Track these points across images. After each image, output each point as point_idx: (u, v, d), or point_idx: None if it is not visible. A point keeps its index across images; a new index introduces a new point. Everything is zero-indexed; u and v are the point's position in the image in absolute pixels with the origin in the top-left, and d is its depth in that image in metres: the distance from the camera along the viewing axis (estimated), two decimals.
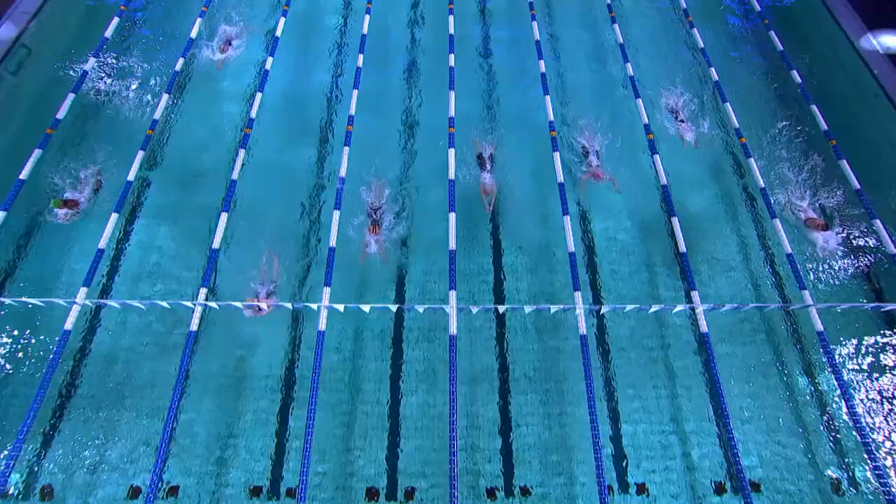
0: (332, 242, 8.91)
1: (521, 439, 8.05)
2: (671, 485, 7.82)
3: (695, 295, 8.59)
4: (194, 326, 8.02)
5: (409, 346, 8.39)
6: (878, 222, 9.57)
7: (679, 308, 7.38)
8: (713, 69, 12.22)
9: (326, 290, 8.33)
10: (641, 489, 7.75)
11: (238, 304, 7.13)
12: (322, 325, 7.91)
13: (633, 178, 10.56)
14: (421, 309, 7.40)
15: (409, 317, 8.45)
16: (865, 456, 7.69)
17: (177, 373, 7.88)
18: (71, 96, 10.79)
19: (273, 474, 7.64)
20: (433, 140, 10.86)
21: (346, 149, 10.28)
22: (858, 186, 10.06)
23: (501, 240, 9.74)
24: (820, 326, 8.31)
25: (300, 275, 9.05)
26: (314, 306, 7.49)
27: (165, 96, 11.10)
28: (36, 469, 7.62)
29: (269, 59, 11.97)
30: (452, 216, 9.21)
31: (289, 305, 7.30)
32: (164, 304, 6.84)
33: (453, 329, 7.83)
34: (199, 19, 12.53)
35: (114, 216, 9.23)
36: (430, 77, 12.13)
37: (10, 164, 9.62)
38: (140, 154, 10.13)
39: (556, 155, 10.42)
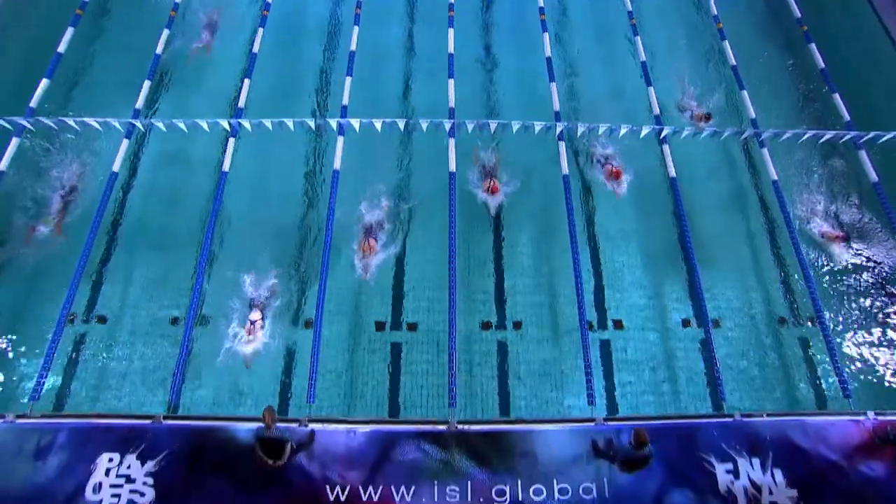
0: (345, 101, 10.03)
1: (514, 278, 9.19)
2: (644, 320, 9.01)
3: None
4: (226, 167, 9.18)
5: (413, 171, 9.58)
6: (836, 96, 10.71)
7: (645, 131, 8.40)
8: None
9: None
10: (618, 325, 8.95)
11: (267, 123, 8.08)
12: (338, 160, 8.97)
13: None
14: (424, 125, 8.40)
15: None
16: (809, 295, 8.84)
17: (210, 210, 9.02)
18: None
19: (292, 308, 8.79)
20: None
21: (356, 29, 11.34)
22: (823, 66, 11.23)
23: None
24: (774, 175, 9.53)
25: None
26: (333, 123, 8.54)
27: None
28: (92, 299, 8.83)
29: None
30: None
31: (311, 123, 8.27)
32: (203, 124, 7.83)
33: (452, 166, 8.94)
34: None
35: (146, 83, 10.34)
36: None
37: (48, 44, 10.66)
38: (165, 32, 11.17)
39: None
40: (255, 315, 8.20)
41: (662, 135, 8.91)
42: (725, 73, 11.38)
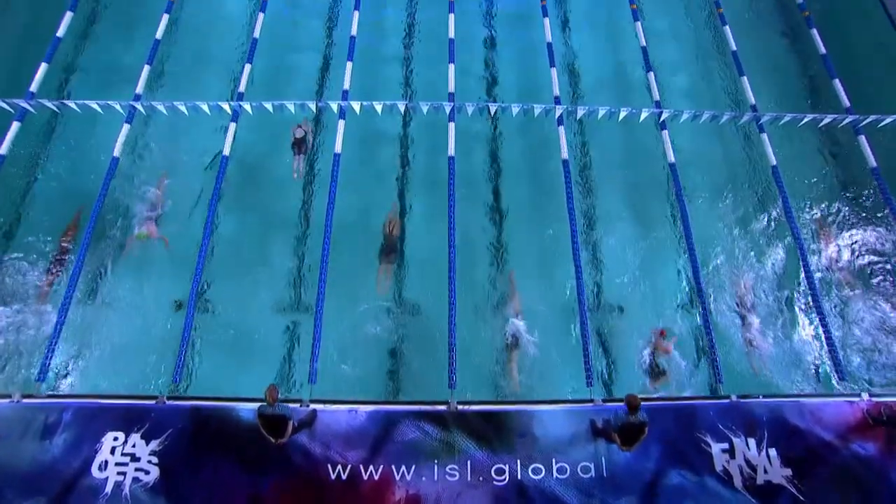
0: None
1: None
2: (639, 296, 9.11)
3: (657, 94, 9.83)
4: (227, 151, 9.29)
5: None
6: (836, 82, 10.67)
7: (645, 115, 8.43)
8: None
9: None
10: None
11: (268, 105, 8.17)
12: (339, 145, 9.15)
13: None
14: (424, 108, 8.45)
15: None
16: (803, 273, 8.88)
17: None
18: None
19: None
20: None
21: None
22: (824, 51, 11.18)
23: None
24: (773, 160, 9.54)
25: None
26: (334, 105, 8.61)
27: None
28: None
29: None
30: None
31: (312, 106, 8.34)
32: (204, 106, 7.87)
33: (451, 150, 9.01)
34: None
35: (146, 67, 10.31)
36: None
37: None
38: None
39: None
40: None
41: (662, 118, 8.90)
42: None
